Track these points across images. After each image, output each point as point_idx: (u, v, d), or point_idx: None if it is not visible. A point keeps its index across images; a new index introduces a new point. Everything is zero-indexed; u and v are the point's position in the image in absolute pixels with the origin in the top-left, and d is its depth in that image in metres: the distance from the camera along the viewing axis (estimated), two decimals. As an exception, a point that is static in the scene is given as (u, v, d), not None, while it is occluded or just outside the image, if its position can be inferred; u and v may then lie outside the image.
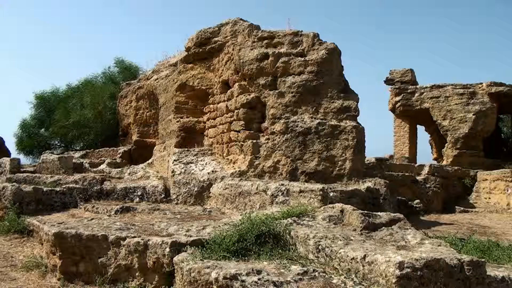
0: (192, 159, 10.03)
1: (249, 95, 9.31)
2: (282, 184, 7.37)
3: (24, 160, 19.86)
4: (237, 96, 9.54)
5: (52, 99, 22.95)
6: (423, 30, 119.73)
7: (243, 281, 3.72)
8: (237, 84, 9.66)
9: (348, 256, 3.99)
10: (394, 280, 3.43)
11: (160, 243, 4.86)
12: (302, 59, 9.14)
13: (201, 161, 9.94)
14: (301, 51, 9.32)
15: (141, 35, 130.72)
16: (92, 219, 6.69)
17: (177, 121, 11.48)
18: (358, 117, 8.97)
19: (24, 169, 13.06)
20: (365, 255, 3.83)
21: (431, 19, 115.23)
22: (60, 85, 24.04)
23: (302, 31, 9.57)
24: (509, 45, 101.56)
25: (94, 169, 12.76)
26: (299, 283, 3.72)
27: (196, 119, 11.53)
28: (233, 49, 10.04)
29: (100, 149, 16.26)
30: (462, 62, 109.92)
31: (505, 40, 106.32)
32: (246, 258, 4.41)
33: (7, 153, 19.24)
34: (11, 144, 24.17)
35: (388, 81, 19.90)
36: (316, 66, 9.01)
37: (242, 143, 9.22)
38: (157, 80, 14.50)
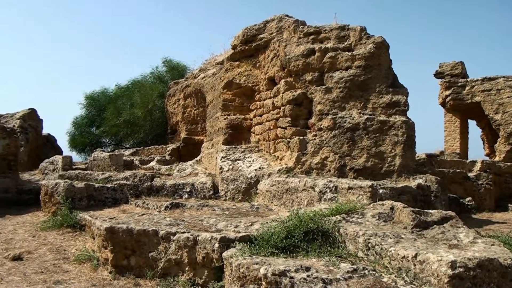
0: (240, 156, 10.09)
1: (296, 91, 9.26)
2: (330, 181, 7.30)
3: (76, 157, 20.56)
4: (283, 93, 9.52)
5: (102, 99, 23.69)
6: (473, 21, 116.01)
7: (291, 277, 3.70)
8: (283, 80, 9.64)
9: (398, 254, 3.91)
10: (446, 280, 3.34)
11: (209, 238, 4.92)
12: (349, 53, 9.01)
13: (248, 158, 9.99)
14: (348, 45, 9.18)
15: (188, 34, 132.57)
16: (142, 214, 6.83)
17: (224, 119, 11.57)
18: (407, 112, 8.77)
19: (76, 166, 13.52)
20: (416, 254, 3.75)
21: (481, 9, 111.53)
22: (110, 85, 24.77)
23: (349, 25, 9.42)
24: None
25: (144, 166, 13.05)
26: (348, 281, 3.67)
27: (243, 116, 11.59)
28: (278, 46, 10.02)
29: (150, 147, 16.61)
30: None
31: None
32: (294, 254, 4.39)
33: (59, 151, 19.97)
34: (63, 142, 25.10)
35: (438, 75, 19.36)
36: (364, 61, 8.87)
37: (289, 139, 9.19)
38: (204, 79, 14.67)
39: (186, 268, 5.12)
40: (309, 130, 9.06)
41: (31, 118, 18.75)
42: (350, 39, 9.26)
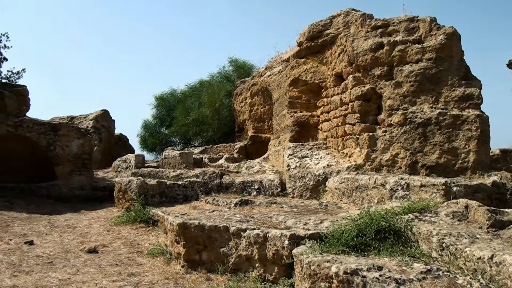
0: (307, 153, 10.03)
1: (364, 86, 9.08)
2: (402, 178, 7.11)
3: (148, 156, 21.21)
4: (351, 89, 9.36)
5: (171, 100, 24.36)
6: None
7: (364, 276, 3.65)
8: (351, 76, 9.47)
9: (474, 255, 3.74)
10: (524, 283, 3.18)
11: (279, 235, 4.93)
12: (419, 46, 8.71)
13: (315, 155, 9.91)
14: (418, 37, 8.88)
15: (254, 33, 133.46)
16: (213, 211, 6.95)
17: (291, 116, 11.54)
18: (481, 105, 8.38)
19: (148, 164, 13.95)
20: (492, 255, 3.58)
21: None
22: (178, 86, 25.41)
23: (418, 16, 9.10)
24: None
25: (213, 164, 13.27)
26: (422, 282, 3.56)
27: (310, 113, 11.51)
28: (345, 41, 9.86)
29: (218, 145, 16.87)
30: None
31: None
32: (365, 253, 4.32)
33: (131, 150, 20.72)
34: (135, 142, 26.03)
35: (511, 65, 18.36)
36: (435, 53, 8.54)
37: (358, 136, 9.03)
38: (270, 76, 14.70)
39: (257, 264, 5.16)
40: (378, 126, 8.86)
41: (104, 119, 19.56)
42: (419, 31, 8.95)
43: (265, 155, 12.94)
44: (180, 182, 9.53)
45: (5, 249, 6.72)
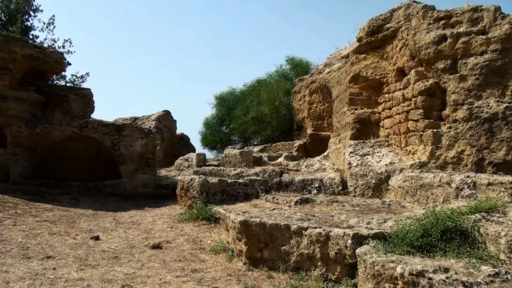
0: (368, 151, 9.87)
1: (427, 81, 8.80)
2: (468, 176, 6.85)
3: (208, 154, 21.56)
4: (413, 84, 9.10)
5: (230, 99, 24.66)
6: None
7: (430, 278, 3.54)
8: (413, 70, 9.21)
9: (545, 259, 3.57)
10: None
11: (341, 234, 4.87)
12: (484, 37, 8.32)
13: (377, 152, 9.73)
14: (482, 28, 8.49)
15: (312, 30, 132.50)
16: (273, 209, 6.97)
17: (351, 113, 11.38)
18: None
19: (209, 163, 14.17)
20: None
21: None
22: (237, 86, 25.70)
23: (481, 5, 8.69)
24: None
25: (273, 162, 13.29)
26: (490, 286, 3.42)
27: (371, 110, 11.30)
28: (407, 34, 9.60)
29: (277, 143, 16.87)
30: None
31: None
32: (431, 254, 4.19)
33: (192, 149, 21.14)
34: (196, 141, 26.54)
35: None
36: (500, 44, 8.12)
37: (421, 132, 8.77)
38: (329, 73, 14.55)
39: (319, 263, 5.13)
40: (443, 122, 8.57)
41: (166, 119, 20.05)
42: (483, 21, 8.55)
43: (325, 153, 12.82)
44: (240, 180, 9.61)
45: (72, 243, 7.02)
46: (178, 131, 22.08)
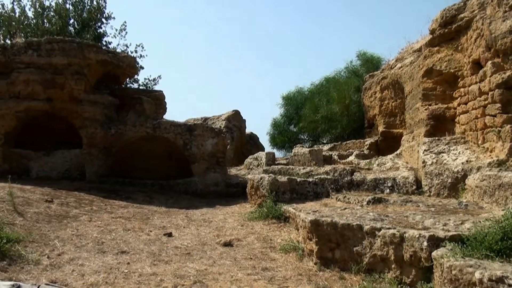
0: (444, 149, 9.47)
1: (504, 73, 8.26)
2: (552, 175, 6.42)
3: (277, 153, 21.61)
4: (490, 76, 8.59)
5: (298, 98, 24.61)
6: None
7: (510, 285, 3.34)
8: (489, 62, 8.69)
9: None
10: None
11: (417, 236, 4.69)
12: None
13: (453, 150, 9.31)
14: None
15: (383, 24, 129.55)
16: (345, 208, 6.85)
17: (425, 109, 10.97)
18: None
19: (278, 162, 14.18)
20: None
21: None
22: (304, 85, 25.63)
23: None
24: None
25: (343, 161, 13.10)
26: None
27: (445, 105, 10.83)
28: (482, 24, 9.09)
29: (348, 142, 16.62)
30: None
31: None
32: (511, 259, 3.95)
33: (261, 148, 21.29)
34: (265, 140, 26.74)
35: None
36: None
37: (499, 128, 8.28)
38: (401, 68, 14.13)
39: (392, 266, 4.97)
40: (524, 117, 8.05)
41: (235, 119, 20.29)
42: None
43: (398, 151, 12.47)
44: (310, 179, 9.53)
45: (146, 239, 7.23)
46: (248, 131, 22.30)
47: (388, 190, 9.05)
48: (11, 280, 3.81)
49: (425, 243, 4.56)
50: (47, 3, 21.52)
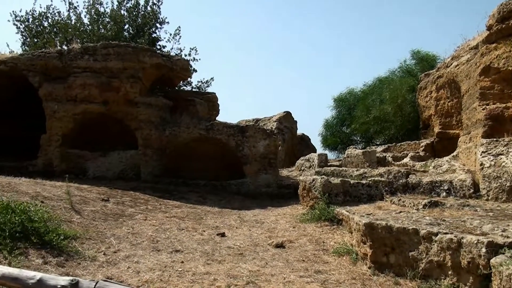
0: (502, 150, 9.10)
1: None
2: None
3: (329, 155, 21.45)
4: (552, 75, 8.21)
5: (350, 99, 24.40)
6: None
7: None
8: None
9: None
10: None
11: (475, 242, 4.53)
12: None
13: (513, 152, 8.95)
14: None
15: (437, 21, 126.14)
16: (399, 212, 6.72)
17: (483, 109, 10.59)
18: None
19: (331, 163, 14.06)
20: None
21: None
22: (356, 86, 25.36)
23: None
24: None
25: (397, 163, 12.82)
26: None
27: (504, 104, 10.40)
28: (541, 18, 8.69)
29: (402, 143, 16.28)
30: None
31: None
32: None
33: (313, 149, 21.18)
34: (316, 141, 26.63)
35: None
36: None
37: (562, 129, 7.90)
38: (457, 67, 13.71)
39: (449, 272, 4.83)
40: None
41: (287, 120, 20.30)
42: None
43: (454, 153, 12.10)
44: (363, 181, 9.39)
45: (199, 239, 7.35)
46: (299, 132, 22.25)
47: (444, 194, 8.79)
48: (68, 275, 3.96)
49: (484, 250, 4.39)
50: (102, 10, 22.23)
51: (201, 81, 23.60)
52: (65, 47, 15.55)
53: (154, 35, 22.89)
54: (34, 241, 5.93)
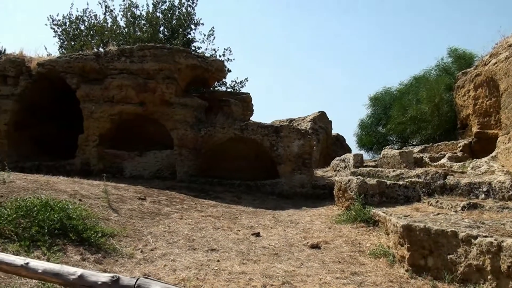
0: (545, 151, 8.86)
1: None
2: None
3: (364, 155, 21.24)
4: None
5: (386, 98, 24.05)
6: None
7: None
8: None
9: None
10: None
11: (515, 246, 4.44)
12: None
13: (556, 153, 8.69)
14: None
15: (474, 18, 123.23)
16: (437, 214, 6.61)
17: (523, 109, 10.32)
18: None
19: (366, 164, 13.92)
20: None
21: None
22: (392, 85, 25.02)
23: None
24: None
25: (434, 164, 12.60)
26: None
27: (546, 104, 10.13)
28: None
29: (439, 143, 15.98)
30: None
31: None
32: None
33: (348, 150, 21.00)
34: (351, 141, 26.39)
35: None
36: None
37: None
38: (495, 65, 13.36)
39: (489, 277, 4.73)
40: None
41: (321, 120, 20.20)
42: None
43: (493, 154, 11.80)
44: (400, 182, 9.25)
45: (234, 238, 7.39)
46: (334, 132, 22.10)
47: (483, 195, 8.58)
48: (106, 272, 4.03)
49: (524, 254, 4.29)
50: (138, 13, 22.58)
51: (235, 81, 23.72)
52: (101, 50, 15.87)
53: (189, 36, 23.15)
54: (73, 238, 6.10)
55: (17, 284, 4.55)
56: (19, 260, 3.71)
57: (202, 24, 23.50)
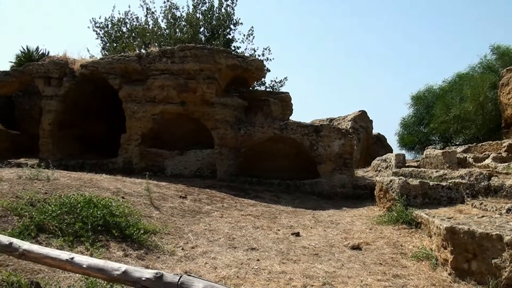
0: None
1: None
2: None
3: (406, 155, 20.90)
4: None
5: (428, 97, 23.58)
6: None
7: None
8: None
9: None
10: None
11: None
12: None
13: None
14: None
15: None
16: (482, 216, 6.45)
17: None
18: None
19: (408, 164, 13.68)
20: None
21: None
22: (436, 82, 24.53)
23: None
24: None
25: (478, 164, 12.28)
26: None
27: None
28: None
29: (483, 143, 15.56)
30: None
31: None
32: None
33: (389, 150, 20.70)
34: (392, 141, 26.01)
35: None
36: None
37: None
38: (545, 63, 12.94)
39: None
40: None
41: (362, 119, 19.97)
42: None
43: (538, 155, 11.44)
44: (443, 183, 9.05)
45: (274, 238, 7.42)
46: (375, 131, 21.81)
47: (528, 197, 8.32)
48: (148, 268, 4.11)
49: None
50: (178, 14, 22.93)
51: (275, 81, 23.73)
52: (143, 51, 16.16)
53: (229, 36, 23.33)
54: (115, 235, 6.26)
55: (61, 278, 4.70)
56: (64, 254, 3.83)
57: (241, 24, 23.65)
